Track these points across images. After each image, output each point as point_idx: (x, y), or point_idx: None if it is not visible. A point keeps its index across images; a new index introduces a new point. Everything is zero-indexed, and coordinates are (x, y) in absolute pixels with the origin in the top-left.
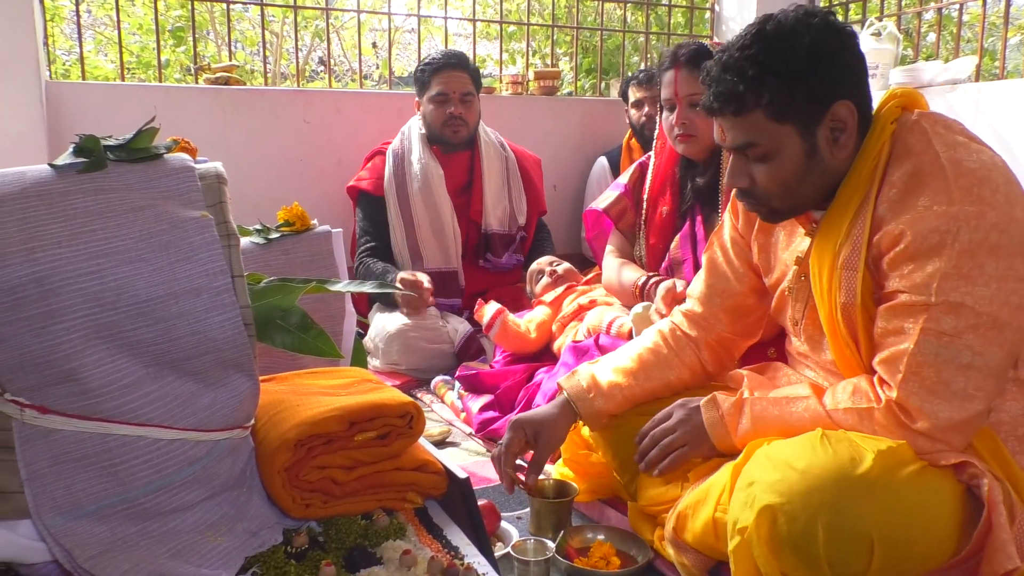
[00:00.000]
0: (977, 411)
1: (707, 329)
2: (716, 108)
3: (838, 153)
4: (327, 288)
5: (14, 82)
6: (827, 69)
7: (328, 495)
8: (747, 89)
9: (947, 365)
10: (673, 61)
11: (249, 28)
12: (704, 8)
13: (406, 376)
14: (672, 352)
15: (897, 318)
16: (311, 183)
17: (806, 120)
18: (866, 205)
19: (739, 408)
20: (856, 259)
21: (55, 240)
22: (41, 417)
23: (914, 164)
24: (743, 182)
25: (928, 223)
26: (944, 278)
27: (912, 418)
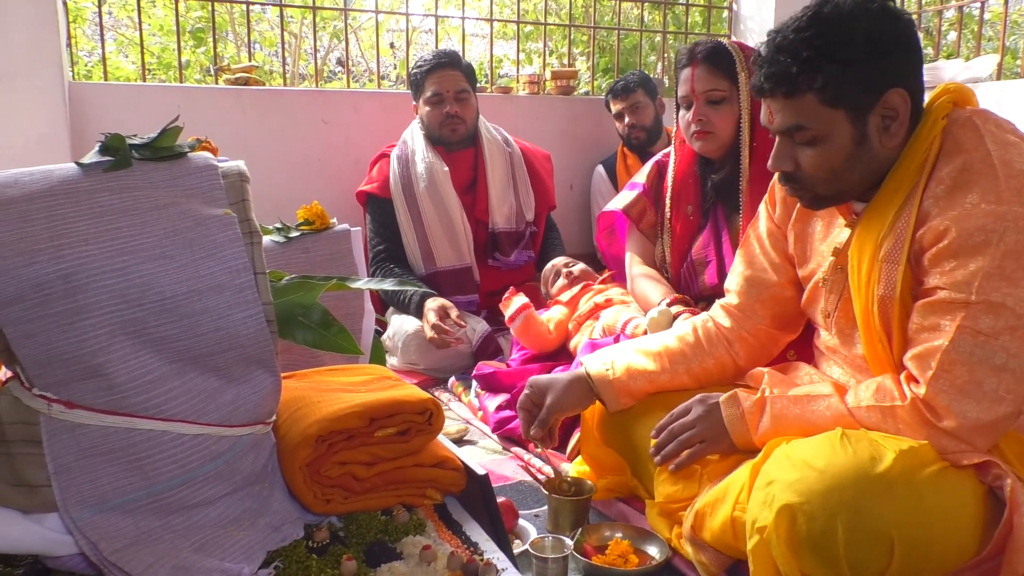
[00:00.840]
0: (1006, 413)
1: (743, 322)
2: (767, 89)
3: (888, 142)
4: (348, 285)
5: (38, 83)
6: (883, 56)
7: (349, 491)
8: (800, 72)
9: (981, 365)
10: (690, 58)
11: (268, 29)
12: (722, 7)
13: (424, 375)
14: (701, 344)
15: (934, 315)
16: (329, 182)
17: (858, 106)
18: (912, 198)
19: (760, 407)
20: (899, 252)
21: (82, 237)
22: (68, 412)
23: (964, 161)
24: (788, 166)
25: (974, 221)
26: (986, 277)
27: (939, 416)
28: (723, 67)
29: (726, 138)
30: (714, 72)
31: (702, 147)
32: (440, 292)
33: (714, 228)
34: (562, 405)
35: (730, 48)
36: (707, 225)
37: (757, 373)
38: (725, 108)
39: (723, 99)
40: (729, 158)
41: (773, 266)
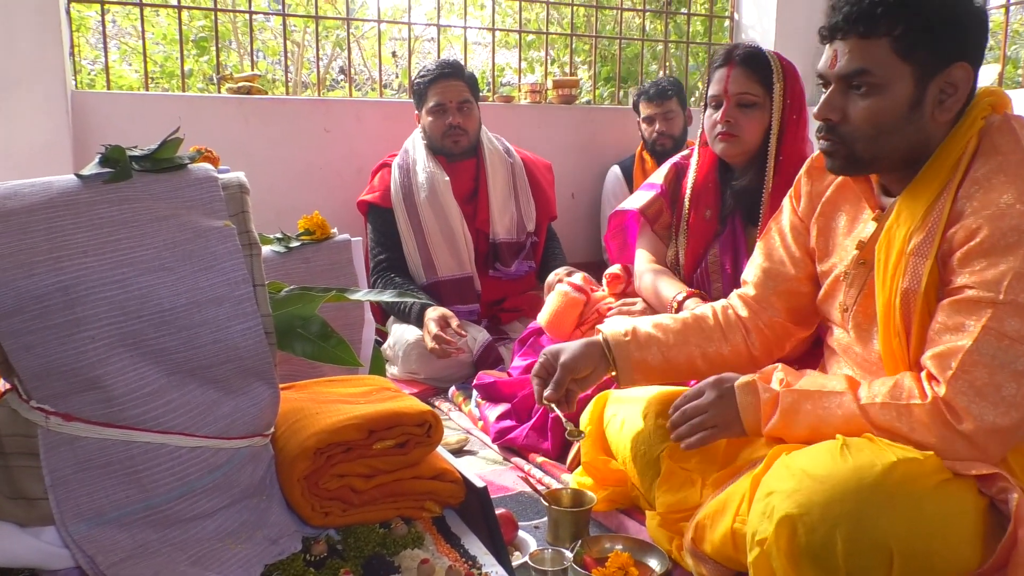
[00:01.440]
0: (1020, 420)
1: (759, 313)
2: (842, 28)
3: (940, 116)
4: (347, 297)
5: (41, 91)
6: (962, 26)
7: (347, 503)
8: (885, 12)
9: (1002, 369)
10: (727, 59)
11: (271, 38)
12: (723, 17)
13: (424, 384)
14: (719, 327)
15: (959, 314)
16: (332, 191)
17: (926, 68)
18: (945, 195)
19: (774, 400)
20: (928, 247)
21: (81, 249)
22: (66, 424)
23: (1000, 162)
24: (835, 115)
25: (1008, 221)
26: (1017, 278)
27: (959, 418)
28: (759, 72)
29: (751, 144)
30: (750, 76)
31: (724, 150)
32: (441, 301)
33: (731, 236)
34: (576, 364)
35: (769, 56)
36: (724, 232)
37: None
38: (755, 113)
39: (754, 104)
40: (752, 167)
41: (792, 260)
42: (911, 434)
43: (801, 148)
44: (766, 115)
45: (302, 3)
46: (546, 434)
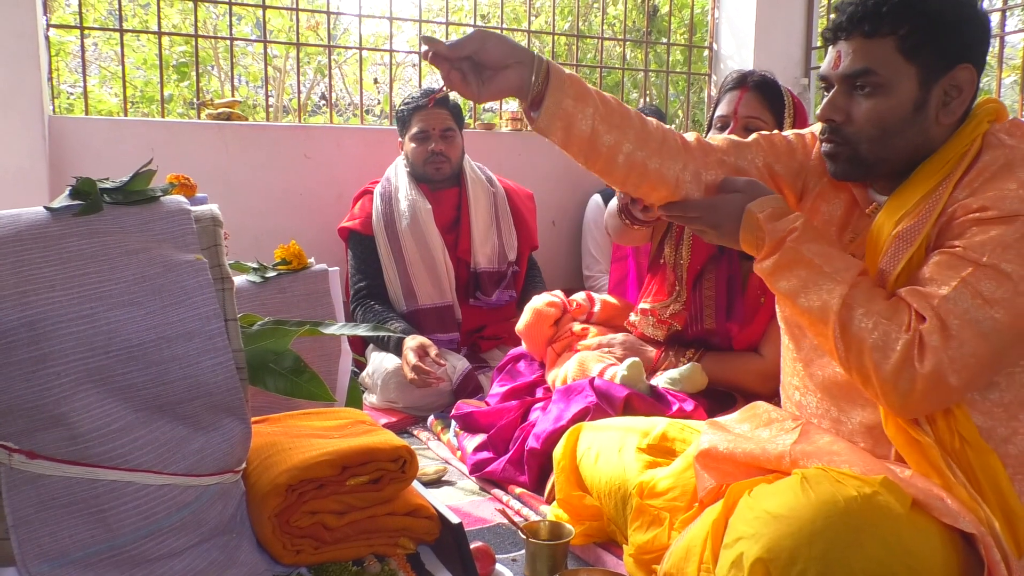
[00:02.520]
0: (965, 383)
1: (706, 164)
2: (846, 28)
3: (944, 118)
4: (321, 331)
5: (17, 116)
6: (966, 27)
7: (319, 541)
8: (890, 12)
9: (970, 326)
10: (740, 83)
11: (252, 63)
12: (703, 47)
13: (403, 413)
14: (660, 138)
15: (941, 266)
16: (311, 217)
17: (930, 69)
18: (944, 187)
19: (778, 244)
20: (915, 234)
21: (48, 284)
22: (29, 462)
23: (1006, 156)
24: (839, 115)
25: (1008, 203)
26: (1003, 246)
27: (923, 356)
28: (771, 102)
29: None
30: (761, 102)
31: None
32: (421, 330)
33: (727, 267)
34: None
35: (783, 89)
36: (722, 258)
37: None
38: None
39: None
40: None
41: (768, 167)
42: (873, 353)
43: None
44: None
45: (283, 29)
46: (523, 467)
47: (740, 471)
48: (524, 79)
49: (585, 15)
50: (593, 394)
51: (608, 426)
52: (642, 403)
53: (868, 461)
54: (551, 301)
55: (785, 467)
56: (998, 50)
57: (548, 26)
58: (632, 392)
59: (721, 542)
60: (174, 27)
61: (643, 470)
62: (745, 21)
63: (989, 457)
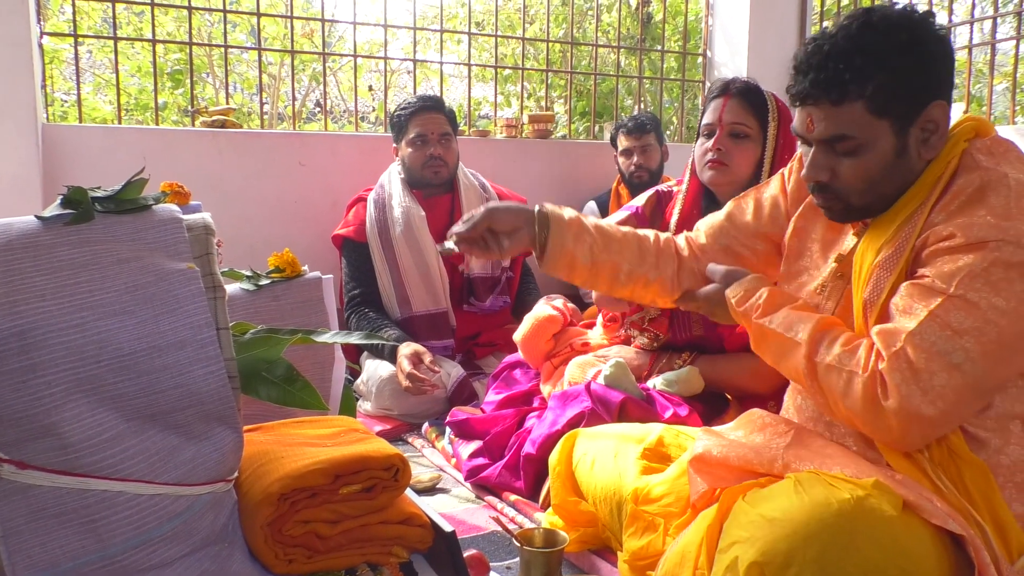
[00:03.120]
0: (944, 412)
1: (699, 259)
2: (812, 95)
3: (925, 154)
4: (313, 340)
5: (11, 124)
6: (929, 67)
7: (312, 550)
8: (852, 78)
9: (938, 357)
10: (724, 90)
11: (247, 70)
12: (696, 54)
13: (398, 421)
14: (655, 254)
15: (911, 297)
16: (306, 225)
17: (903, 117)
18: (921, 211)
19: (749, 323)
20: (895, 261)
21: (39, 293)
22: (19, 472)
23: (980, 179)
24: (824, 176)
25: (977, 230)
26: (970, 275)
27: (886, 394)
28: (755, 107)
29: (740, 176)
30: (745, 108)
31: (713, 177)
32: (415, 336)
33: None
34: (501, 214)
35: (766, 94)
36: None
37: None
38: (747, 145)
39: (747, 136)
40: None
41: (755, 231)
42: (843, 399)
43: None
44: (758, 149)
45: (278, 37)
46: (518, 473)
47: (733, 476)
48: (532, 235)
49: (579, 22)
50: (589, 399)
51: (604, 433)
52: (637, 408)
53: (860, 464)
54: (551, 315)
55: (778, 471)
56: (990, 57)
57: (543, 33)
58: (628, 397)
59: (715, 547)
60: (168, 35)
61: (638, 476)
62: (739, 28)
63: (978, 469)
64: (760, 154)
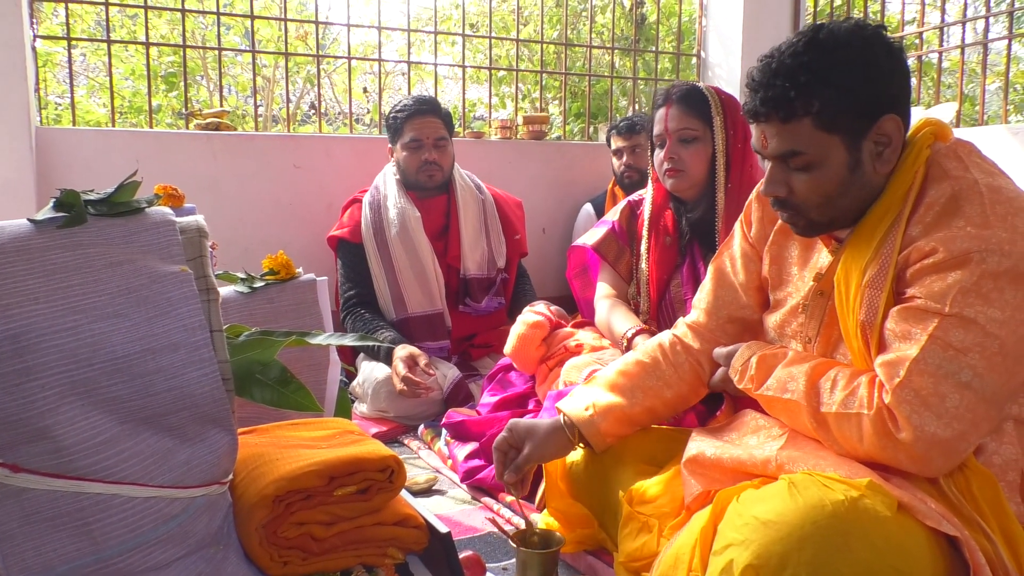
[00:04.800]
0: (962, 433)
1: (712, 341)
2: (762, 113)
3: (881, 168)
4: (307, 342)
5: (4, 128)
6: (878, 82)
7: (307, 552)
8: (798, 96)
9: (946, 380)
10: (665, 99)
11: (241, 73)
12: (690, 54)
13: (394, 422)
14: (670, 367)
15: (907, 321)
16: (301, 227)
17: (853, 132)
18: (897, 226)
19: (753, 395)
20: (883, 279)
21: (32, 296)
22: (13, 476)
23: (952, 187)
24: (781, 191)
25: (959, 243)
26: (962, 292)
27: (897, 427)
28: (697, 108)
29: (697, 177)
30: (687, 112)
31: (674, 185)
32: (411, 338)
33: (692, 267)
34: (542, 454)
35: (705, 91)
36: (684, 263)
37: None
38: (697, 147)
39: (695, 139)
40: (703, 199)
41: (743, 287)
42: (860, 444)
43: (751, 175)
44: (708, 147)
45: (272, 39)
46: None
47: (727, 477)
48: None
49: (574, 24)
50: None
51: None
52: None
53: (853, 465)
54: (536, 322)
55: (771, 472)
56: (982, 57)
57: (537, 34)
58: None
59: (709, 549)
60: (162, 37)
61: (633, 477)
62: (732, 29)
63: (988, 479)
64: (711, 151)
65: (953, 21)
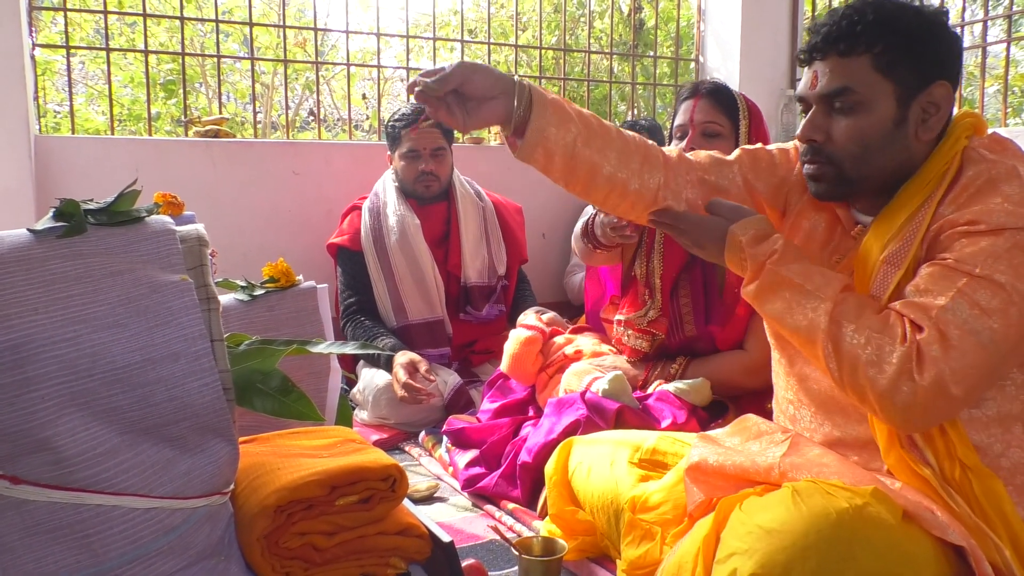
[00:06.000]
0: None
1: (689, 173)
2: (821, 48)
3: (923, 135)
4: (308, 350)
5: (3, 136)
6: (938, 48)
7: (308, 562)
8: (864, 30)
9: (970, 336)
10: (694, 92)
11: (240, 80)
12: (689, 59)
13: (394, 429)
14: (641, 157)
15: (935, 279)
16: (300, 234)
17: (908, 85)
18: (927, 206)
19: (758, 269)
20: (903, 256)
21: (32, 306)
22: (13, 488)
23: (988, 170)
24: (819, 135)
25: (995, 217)
26: (994, 257)
27: (922, 368)
28: (724, 105)
29: None
30: (715, 107)
31: None
32: (411, 345)
33: (702, 274)
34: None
35: (735, 93)
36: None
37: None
38: (718, 144)
39: (719, 134)
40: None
41: (746, 183)
42: (867, 367)
43: None
44: (731, 147)
45: (271, 46)
46: (515, 482)
47: (730, 484)
48: (508, 108)
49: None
50: (584, 407)
51: (600, 440)
52: (633, 417)
53: (857, 472)
54: (528, 338)
55: (774, 479)
56: (980, 60)
57: (535, 40)
58: (623, 406)
59: (712, 557)
60: (161, 45)
61: (635, 484)
62: (731, 34)
63: (992, 482)
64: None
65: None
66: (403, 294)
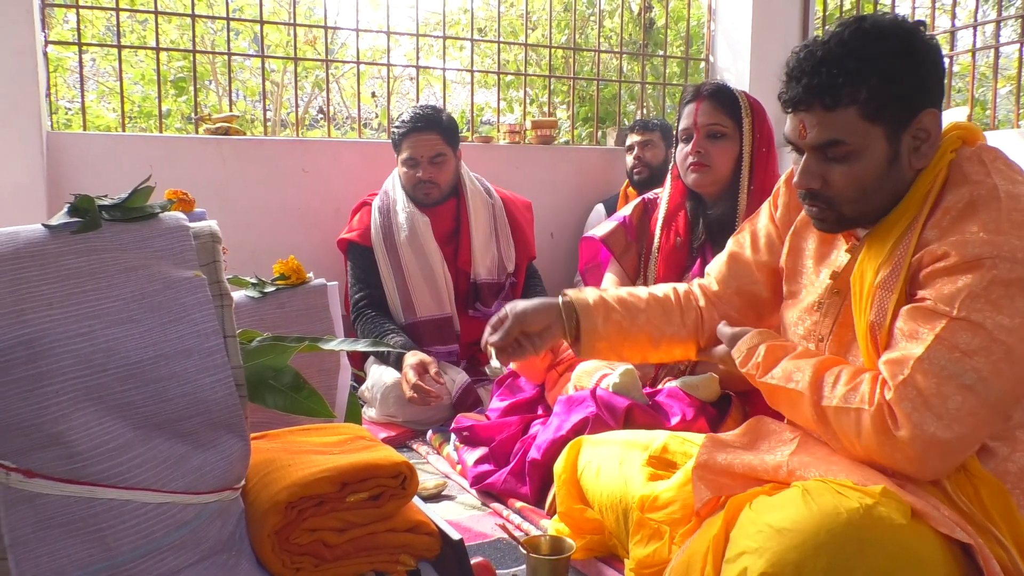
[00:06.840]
0: (961, 435)
1: (717, 306)
2: (805, 101)
3: (916, 163)
4: (320, 347)
5: (15, 132)
6: (921, 75)
7: (319, 558)
8: (846, 83)
9: (950, 381)
10: (696, 94)
11: (250, 77)
12: (699, 59)
13: (402, 427)
14: (678, 308)
15: (914, 320)
16: (309, 232)
17: (895, 123)
18: (913, 228)
19: (755, 382)
20: (894, 281)
21: (46, 301)
22: (27, 481)
23: (970, 192)
24: (815, 183)
25: (971, 248)
26: (971, 296)
27: (896, 424)
28: (727, 106)
29: (722, 174)
30: (718, 109)
31: (696, 180)
32: (420, 342)
33: (702, 269)
34: (527, 316)
35: (736, 92)
36: (695, 265)
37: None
38: (725, 144)
39: (723, 135)
40: (724, 198)
41: (758, 266)
42: (858, 440)
43: (773, 180)
44: (736, 146)
45: (281, 44)
46: (524, 479)
47: (737, 483)
48: (563, 327)
49: (582, 28)
50: (594, 405)
51: (609, 440)
52: (643, 414)
53: (865, 471)
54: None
55: (782, 478)
56: (993, 61)
57: (545, 39)
58: (633, 403)
59: (721, 556)
60: (172, 42)
61: (644, 483)
62: (741, 33)
63: (998, 489)
64: (738, 151)
65: (963, 25)
66: (412, 291)
